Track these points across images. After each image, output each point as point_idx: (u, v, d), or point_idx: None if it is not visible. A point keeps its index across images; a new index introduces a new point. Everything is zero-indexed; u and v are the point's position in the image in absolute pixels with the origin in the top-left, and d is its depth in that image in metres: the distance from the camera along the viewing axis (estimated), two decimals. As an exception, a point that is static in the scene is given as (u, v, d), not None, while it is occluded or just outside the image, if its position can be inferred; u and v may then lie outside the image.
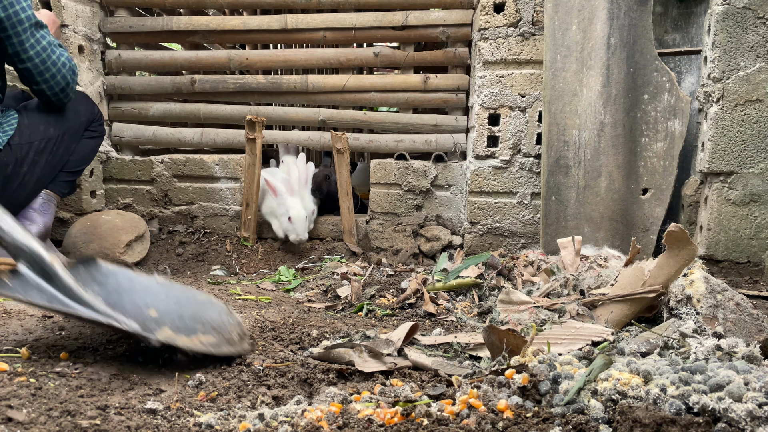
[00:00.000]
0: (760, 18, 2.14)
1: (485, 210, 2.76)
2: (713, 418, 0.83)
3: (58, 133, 2.24)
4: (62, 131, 2.26)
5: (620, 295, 1.57)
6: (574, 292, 1.83)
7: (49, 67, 2.06)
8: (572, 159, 2.51)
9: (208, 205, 3.03)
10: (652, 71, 2.42)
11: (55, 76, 2.09)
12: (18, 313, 1.44)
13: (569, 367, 1.04)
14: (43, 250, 1.17)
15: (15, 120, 2.12)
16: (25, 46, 2.00)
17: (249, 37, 3.11)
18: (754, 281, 2.18)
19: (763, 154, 2.18)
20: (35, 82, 2.08)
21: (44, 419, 0.84)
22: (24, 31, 1.98)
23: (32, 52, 2.01)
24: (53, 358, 1.10)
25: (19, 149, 2.09)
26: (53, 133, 2.22)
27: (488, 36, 2.66)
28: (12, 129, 2.09)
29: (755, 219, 2.21)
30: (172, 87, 3.10)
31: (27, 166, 2.13)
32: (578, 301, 1.70)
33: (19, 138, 2.10)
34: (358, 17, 2.96)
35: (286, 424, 0.91)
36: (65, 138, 2.28)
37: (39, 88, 2.10)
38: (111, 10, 3.08)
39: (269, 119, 3.05)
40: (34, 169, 2.16)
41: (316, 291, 2.10)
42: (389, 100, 3.07)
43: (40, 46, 2.03)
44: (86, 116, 2.39)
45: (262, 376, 1.14)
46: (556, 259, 2.12)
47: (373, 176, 2.98)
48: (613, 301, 1.58)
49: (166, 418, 0.92)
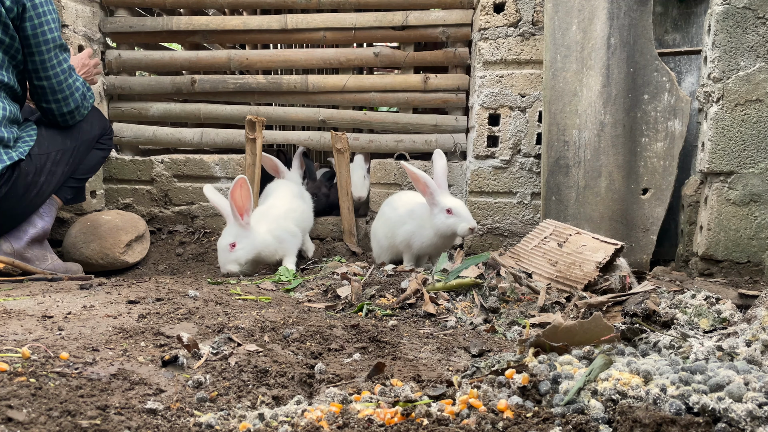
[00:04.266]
0: (760, 18, 2.14)
1: (485, 210, 2.76)
2: (713, 418, 0.83)
3: (74, 145, 2.31)
4: (78, 143, 2.34)
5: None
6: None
7: (64, 88, 2.15)
8: (572, 159, 2.51)
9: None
10: (652, 71, 2.42)
11: (67, 98, 2.18)
12: (18, 313, 1.44)
13: (569, 366, 1.04)
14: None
15: (34, 131, 2.18)
16: (46, 65, 2.09)
17: (249, 37, 3.11)
18: (754, 281, 2.18)
19: (763, 154, 2.18)
20: (46, 100, 2.16)
21: (44, 419, 0.84)
22: (48, 51, 2.07)
23: (51, 72, 2.11)
24: (53, 358, 1.10)
25: (38, 159, 2.15)
26: (70, 145, 2.29)
27: (488, 36, 2.66)
28: (32, 140, 2.15)
29: (755, 219, 2.21)
30: (172, 87, 3.10)
31: (45, 175, 2.20)
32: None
33: (38, 148, 2.16)
34: (358, 17, 2.96)
35: (286, 424, 0.91)
36: (80, 149, 2.36)
37: (48, 106, 2.18)
38: (111, 10, 3.08)
39: (269, 119, 3.05)
40: (52, 178, 2.23)
41: (316, 291, 2.10)
42: (389, 100, 3.07)
43: (60, 67, 2.13)
44: (99, 129, 2.47)
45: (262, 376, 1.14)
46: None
47: (373, 176, 2.98)
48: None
49: (166, 418, 0.92)
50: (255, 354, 1.26)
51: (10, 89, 2.07)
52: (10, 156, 2.03)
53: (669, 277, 2.18)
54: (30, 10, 2.00)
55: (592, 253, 2.01)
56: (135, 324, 1.39)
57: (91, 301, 1.61)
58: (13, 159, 2.04)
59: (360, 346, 1.43)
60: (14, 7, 1.97)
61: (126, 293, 1.74)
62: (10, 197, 2.08)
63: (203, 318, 1.49)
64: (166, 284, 1.95)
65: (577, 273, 1.96)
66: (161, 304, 1.61)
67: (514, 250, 2.25)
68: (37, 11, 2.02)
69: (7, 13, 1.96)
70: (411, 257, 2.50)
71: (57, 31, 2.10)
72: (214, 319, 1.48)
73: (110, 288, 1.87)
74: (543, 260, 2.10)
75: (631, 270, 2.03)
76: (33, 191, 2.18)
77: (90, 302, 1.60)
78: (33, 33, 2.02)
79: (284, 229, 2.54)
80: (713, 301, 1.69)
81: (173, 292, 1.78)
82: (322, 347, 1.40)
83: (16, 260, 2.17)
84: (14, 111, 2.09)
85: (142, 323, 1.40)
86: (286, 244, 2.53)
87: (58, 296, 1.70)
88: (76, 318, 1.42)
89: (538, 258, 2.13)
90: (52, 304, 1.55)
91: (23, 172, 2.09)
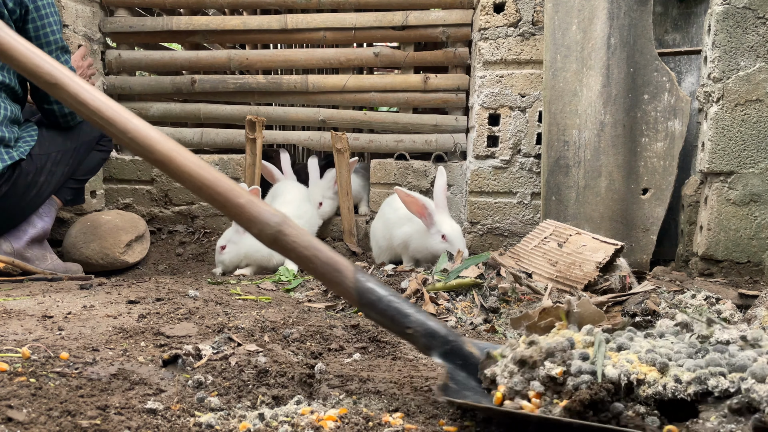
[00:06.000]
0: (760, 18, 2.14)
1: (485, 210, 2.76)
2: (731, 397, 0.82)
3: (75, 146, 2.32)
4: (79, 144, 2.34)
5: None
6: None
7: None
8: (572, 159, 2.51)
9: (208, 205, 3.03)
10: (652, 71, 2.42)
11: None
12: (18, 313, 1.44)
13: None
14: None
15: (35, 131, 2.18)
16: None
17: (249, 37, 3.11)
18: (754, 281, 2.18)
19: (763, 154, 2.18)
20: (48, 102, 2.18)
21: (44, 419, 0.84)
22: (50, 52, 2.09)
23: None
24: (53, 358, 1.10)
25: (39, 159, 2.15)
26: (70, 146, 2.30)
27: (488, 36, 2.66)
28: (33, 140, 2.15)
29: (755, 219, 2.21)
30: (172, 87, 3.10)
31: (45, 175, 2.20)
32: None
33: (39, 149, 2.16)
34: (358, 17, 2.96)
35: (286, 424, 0.91)
36: (81, 150, 2.36)
37: (50, 107, 2.19)
38: (111, 10, 3.07)
39: (269, 119, 3.05)
40: (51, 178, 2.24)
41: (316, 291, 2.10)
42: (389, 100, 3.07)
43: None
44: (99, 131, 2.45)
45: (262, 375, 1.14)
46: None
47: (373, 176, 2.98)
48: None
49: (166, 418, 0.92)
50: (255, 354, 1.26)
51: (11, 90, 2.08)
52: (11, 155, 2.04)
53: (669, 277, 2.18)
54: (33, 12, 2.02)
55: (592, 254, 2.01)
56: (135, 324, 1.39)
57: (91, 301, 1.61)
58: (14, 158, 2.04)
59: (360, 346, 1.43)
60: (17, 9, 1.99)
61: (126, 293, 1.74)
62: (10, 196, 2.09)
63: (203, 318, 1.49)
64: (166, 284, 1.95)
65: (577, 273, 1.96)
66: (161, 304, 1.61)
67: (514, 250, 2.25)
68: (39, 13, 2.04)
69: (9, 15, 1.98)
70: (409, 258, 2.50)
71: (59, 33, 2.12)
72: (214, 319, 1.48)
73: (110, 288, 1.87)
74: (543, 260, 2.10)
75: (631, 270, 2.03)
76: (33, 191, 2.18)
77: (90, 302, 1.60)
78: (35, 35, 2.05)
79: None
80: (713, 301, 1.69)
81: (173, 292, 1.78)
82: (322, 347, 1.40)
83: (15, 260, 2.17)
84: (15, 111, 2.09)
85: (142, 323, 1.40)
86: None
87: (58, 296, 1.70)
88: (76, 318, 1.42)
89: (538, 258, 2.13)
90: (52, 304, 1.55)
91: (24, 172, 2.10)
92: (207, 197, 1.10)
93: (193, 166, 1.09)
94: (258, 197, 1.12)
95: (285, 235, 1.06)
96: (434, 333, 1.03)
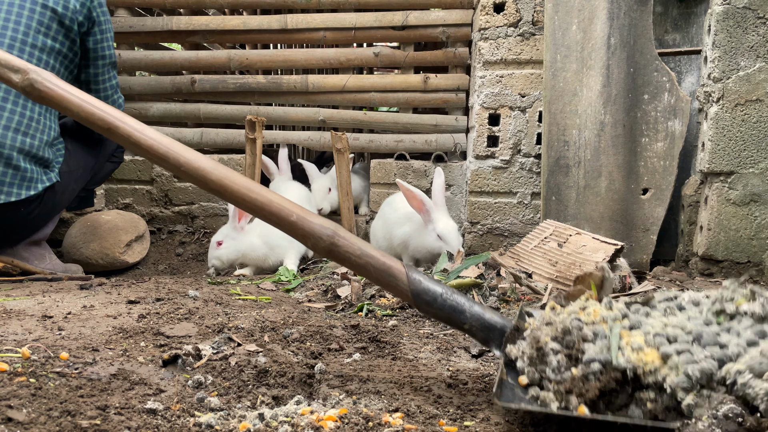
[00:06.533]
0: (760, 18, 2.14)
1: (485, 210, 2.76)
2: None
3: (96, 161, 2.36)
4: (98, 159, 2.38)
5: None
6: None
7: (109, 104, 2.19)
8: (572, 159, 2.51)
9: (208, 205, 3.03)
10: (652, 71, 2.42)
11: None
12: (18, 313, 1.44)
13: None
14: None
15: (62, 146, 2.20)
16: (98, 79, 2.25)
17: (249, 37, 3.11)
18: (755, 281, 2.18)
19: (763, 154, 2.18)
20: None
21: (44, 419, 0.84)
22: (103, 65, 2.23)
23: (101, 86, 2.27)
24: (53, 358, 1.10)
25: (65, 178, 2.18)
26: (92, 161, 2.34)
27: (488, 36, 2.66)
28: (62, 157, 2.17)
29: (755, 219, 2.21)
30: (172, 87, 3.10)
31: (68, 194, 2.24)
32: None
33: (66, 166, 2.19)
34: (358, 17, 2.96)
35: (286, 425, 0.91)
36: (98, 165, 2.40)
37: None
38: (111, 10, 3.07)
39: (269, 119, 3.05)
40: (71, 195, 2.28)
41: (316, 291, 2.10)
42: (389, 100, 3.07)
43: (109, 83, 2.29)
44: (115, 144, 2.50)
45: (263, 375, 1.14)
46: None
47: (373, 176, 2.98)
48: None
49: (166, 418, 0.92)
50: (255, 354, 1.26)
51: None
52: (50, 177, 2.08)
53: (669, 277, 2.18)
54: (97, 26, 2.15)
55: (592, 254, 2.01)
56: (135, 324, 1.39)
57: (91, 301, 1.61)
58: (52, 181, 2.08)
59: (360, 346, 1.43)
60: (86, 23, 2.11)
61: (126, 293, 1.74)
62: (39, 217, 2.12)
63: (203, 318, 1.49)
64: (166, 284, 1.95)
65: (577, 273, 1.96)
66: (161, 304, 1.61)
67: (514, 250, 2.25)
68: (101, 28, 2.17)
69: (78, 28, 2.08)
70: (410, 257, 2.50)
71: (112, 49, 2.25)
72: (214, 319, 1.48)
73: (110, 288, 1.87)
74: (543, 260, 2.10)
75: (631, 270, 2.03)
76: (57, 209, 2.22)
77: (90, 302, 1.60)
78: (93, 47, 2.17)
79: (279, 236, 2.54)
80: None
81: (173, 292, 1.78)
82: (322, 347, 1.40)
83: (15, 259, 2.18)
84: (57, 130, 2.15)
85: (142, 323, 1.40)
86: (280, 250, 2.54)
87: (58, 296, 1.70)
88: (76, 318, 1.42)
89: (538, 258, 2.13)
90: (52, 304, 1.55)
91: (54, 192, 2.13)
92: (261, 217, 1.16)
93: (245, 191, 1.14)
94: (302, 209, 1.15)
95: (338, 246, 1.11)
96: (491, 326, 1.07)
